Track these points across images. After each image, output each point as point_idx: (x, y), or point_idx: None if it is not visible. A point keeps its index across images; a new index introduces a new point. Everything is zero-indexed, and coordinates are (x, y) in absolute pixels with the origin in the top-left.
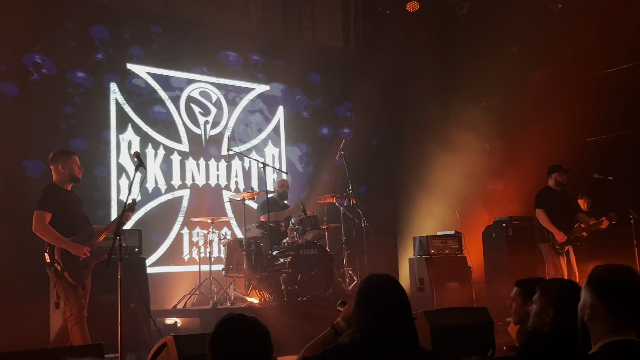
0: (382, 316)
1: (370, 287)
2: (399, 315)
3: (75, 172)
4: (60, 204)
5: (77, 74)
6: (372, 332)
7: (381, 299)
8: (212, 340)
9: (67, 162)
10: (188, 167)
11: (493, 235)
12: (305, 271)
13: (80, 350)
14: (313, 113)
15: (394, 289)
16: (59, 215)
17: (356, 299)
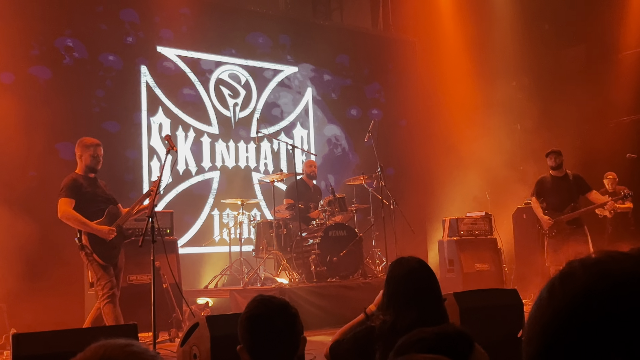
0: (412, 302)
1: (400, 273)
2: (429, 302)
3: (91, 163)
4: (82, 189)
5: (108, 57)
6: (402, 319)
7: (411, 285)
8: (243, 320)
9: (84, 153)
10: (218, 149)
11: (524, 216)
12: (334, 252)
13: (114, 330)
14: (342, 94)
15: (424, 273)
16: (83, 201)
17: (386, 284)
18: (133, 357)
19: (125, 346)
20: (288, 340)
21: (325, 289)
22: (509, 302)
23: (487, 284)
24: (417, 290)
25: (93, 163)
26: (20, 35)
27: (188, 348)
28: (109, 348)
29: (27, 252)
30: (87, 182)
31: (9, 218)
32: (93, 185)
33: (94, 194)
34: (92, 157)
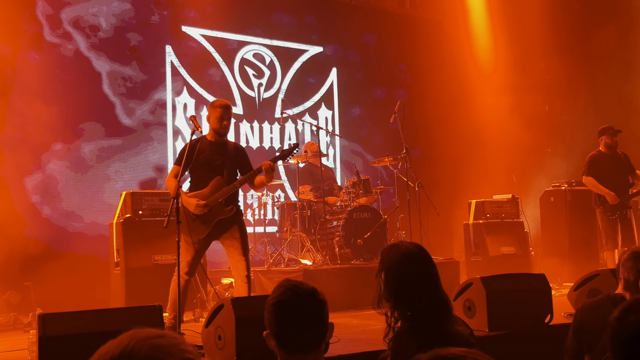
0: (417, 290)
1: (398, 259)
2: (434, 288)
3: (215, 126)
4: (189, 157)
5: (134, 37)
6: (407, 308)
7: (414, 270)
8: (270, 306)
9: (211, 114)
10: (242, 129)
11: (551, 199)
12: (359, 235)
13: (138, 311)
14: (367, 74)
15: (426, 258)
16: (192, 167)
17: (385, 273)
18: (156, 349)
19: (153, 338)
20: (316, 326)
21: (349, 271)
22: (536, 287)
23: (513, 267)
24: (421, 275)
25: (218, 126)
26: (47, 14)
27: (213, 329)
28: (135, 339)
29: (53, 231)
30: (207, 146)
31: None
32: (215, 150)
33: (205, 161)
34: (218, 118)
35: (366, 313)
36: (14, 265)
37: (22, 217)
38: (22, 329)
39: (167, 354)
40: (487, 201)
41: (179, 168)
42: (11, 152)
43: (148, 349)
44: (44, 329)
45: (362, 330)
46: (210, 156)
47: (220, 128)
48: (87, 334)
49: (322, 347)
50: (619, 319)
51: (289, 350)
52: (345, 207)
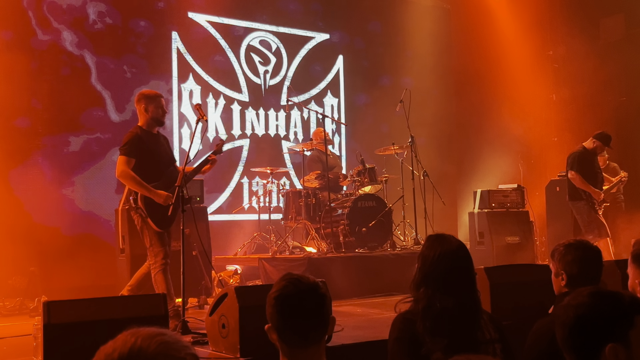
0: (450, 287)
1: (440, 252)
2: (467, 288)
3: (157, 115)
4: (143, 148)
5: (140, 23)
6: (437, 303)
7: (451, 268)
8: (272, 300)
9: (149, 105)
10: (248, 116)
11: (557, 189)
12: (363, 223)
13: (143, 299)
14: (373, 62)
15: (465, 257)
16: (142, 161)
17: (421, 261)
18: (163, 346)
19: (156, 335)
20: (317, 320)
21: (354, 259)
22: (540, 278)
23: (518, 256)
24: (457, 274)
25: (160, 114)
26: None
27: (217, 318)
28: (140, 337)
29: (59, 217)
30: (149, 138)
31: (44, 182)
32: (155, 142)
33: (155, 152)
34: (159, 107)
35: (370, 301)
36: (20, 250)
37: (28, 204)
38: (27, 313)
39: (175, 350)
40: (493, 190)
41: (131, 159)
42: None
43: (156, 346)
44: (49, 317)
45: (366, 319)
46: (155, 147)
47: (162, 116)
48: (92, 322)
49: (324, 341)
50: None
51: (290, 345)
52: (350, 195)
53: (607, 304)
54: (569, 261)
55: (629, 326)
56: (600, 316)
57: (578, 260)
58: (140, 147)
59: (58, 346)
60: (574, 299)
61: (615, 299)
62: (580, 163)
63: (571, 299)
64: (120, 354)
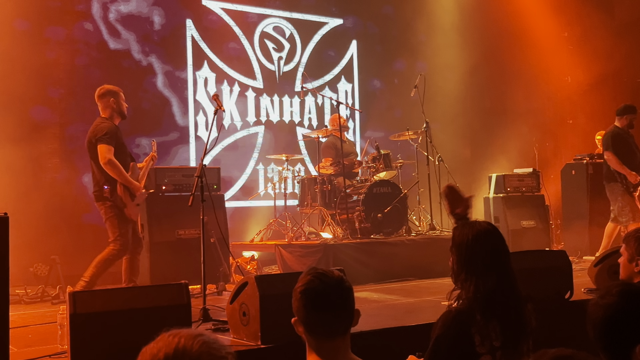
0: (490, 266)
1: (473, 236)
2: (505, 265)
3: (124, 109)
4: (118, 139)
5: (154, 11)
6: (482, 284)
7: (488, 248)
8: (298, 294)
9: (118, 99)
10: (262, 103)
11: (573, 173)
12: (379, 209)
13: (166, 289)
14: (387, 47)
15: (498, 235)
16: (116, 152)
17: (456, 250)
18: (206, 346)
19: (197, 336)
20: (343, 313)
21: (369, 245)
22: (557, 264)
23: (533, 241)
24: (494, 253)
25: (124, 108)
26: None
27: (237, 306)
28: (183, 337)
29: (80, 205)
30: (117, 131)
31: (61, 172)
32: (121, 135)
33: (123, 144)
34: (123, 100)
35: (386, 287)
36: (42, 238)
37: (50, 191)
38: (49, 300)
39: (216, 350)
40: (508, 175)
41: (112, 148)
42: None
43: (199, 345)
44: (75, 307)
45: (383, 306)
46: (123, 140)
47: (126, 109)
48: (116, 311)
49: (349, 333)
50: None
51: (316, 337)
52: (365, 181)
53: (636, 303)
54: None
55: None
56: (630, 316)
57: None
58: (116, 137)
59: (84, 335)
60: (602, 298)
61: None
62: (615, 143)
63: (599, 297)
64: (165, 354)
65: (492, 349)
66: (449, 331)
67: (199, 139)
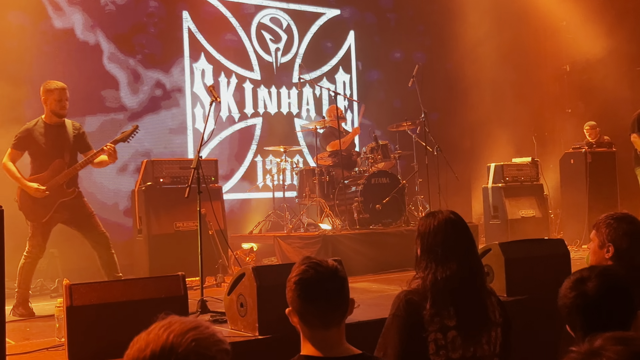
0: (451, 254)
1: (435, 225)
2: (468, 253)
3: (54, 108)
4: (33, 140)
5: (151, 3)
6: (441, 271)
7: (449, 236)
8: (292, 284)
9: (48, 97)
10: (260, 95)
11: (571, 162)
12: (377, 200)
13: (162, 280)
14: (385, 37)
15: (461, 224)
16: (33, 152)
17: (420, 239)
18: (195, 344)
19: (189, 331)
20: (338, 303)
21: (368, 236)
22: (555, 252)
23: (532, 230)
24: (455, 242)
25: (57, 108)
26: None
27: (235, 297)
28: (173, 333)
29: None
30: (46, 130)
31: None
32: (53, 133)
33: (47, 144)
34: (57, 101)
35: (385, 277)
36: None
37: None
38: (48, 294)
39: (205, 348)
40: (507, 164)
41: (18, 152)
42: None
43: (187, 344)
44: (72, 299)
45: (382, 296)
46: (50, 140)
47: (61, 109)
48: (113, 304)
49: (344, 322)
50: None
51: (311, 327)
52: (363, 172)
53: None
54: (620, 235)
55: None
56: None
57: (630, 234)
58: (27, 139)
59: (81, 327)
60: (581, 283)
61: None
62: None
63: (578, 282)
64: (152, 351)
65: (444, 327)
66: (399, 310)
67: (197, 131)
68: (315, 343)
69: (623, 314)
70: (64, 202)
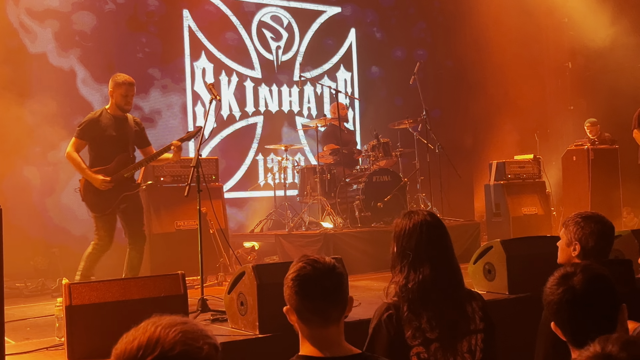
0: (425, 258)
1: (410, 226)
2: (443, 257)
3: (119, 102)
4: (98, 130)
5: (151, 2)
6: (414, 276)
7: (423, 238)
8: (290, 281)
9: (115, 90)
10: (261, 93)
11: (574, 159)
12: (379, 198)
13: (162, 280)
14: (386, 35)
15: (438, 226)
16: (96, 143)
17: (394, 240)
18: (182, 335)
19: (176, 324)
20: (336, 300)
21: (370, 234)
22: (557, 249)
23: (534, 228)
24: (429, 244)
25: (123, 102)
26: None
27: (235, 295)
28: (160, 326)
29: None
30: (111, 121)
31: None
32: (118, 125)
33: (111, 136)
34: (123, 96)
35: (387, 275)
36: (41, 231)
37: (49, 184)
38: (49, 294)
39: (193, 340)
40: (509, 161)
41: (82, 142)
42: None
43: (175, 334)
44: (71, 299)
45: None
46: (115, 131)
47: (126, 104)
48: (113, 303)
49: (343, 320)
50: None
51: (309, 325)
52: (365, 170)
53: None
54: (587, 234)
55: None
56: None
57: (596, 234)
58: (92, 130)
59: (80, 327)
60: (565, 280)
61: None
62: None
63: (562, 280)
64: (139, 342)
65: (426, 340)
66: (381, 325)
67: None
68: (314, 342)
69: (609, 308)
70: (126, 196)
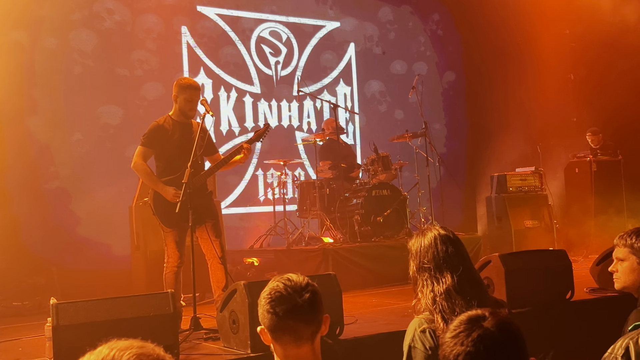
0: (446, 267)
1: (426, 242)
2: (461, 272)
3: (183, 107)
4: (164, 138)
5: (149, 19)
6: (438, 286)
7: (442, 249)
8: (262, 300)
9: (179, 94)
10: (260, 108)
11: (576, 171)
12: (378, 212)
13: (149, 298)
14: (385, 49)
15: (453, 238)
16: (163, 151)
17: (412, 259)
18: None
19: (133, 348)
20: (308, 318)
21: (369, 249)
22: (556, 263)
23: (537, 241)
24: (447, 256)
25: (187, 108)
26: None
27: (227, 314)
28: (116, 349)
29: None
30: (176, 127)
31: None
32: (183, 132)
33: (178, 144)
34: (187, 101)
35: (386, 291)
36: (39, 250)
37: (48, 203)
38: (46, 312)
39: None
40: (510, 174)
41: (149, 151)
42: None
43: (129, 357)
44: (58, 319)
45: (381, 310)
46: (180, 139)
47: (190, 110)
48: (101, 322)
49: (319, 340)
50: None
51: (282, 344)
52: (364, 184)
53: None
54: None
55: None
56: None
57: None
58: (159, 138)
59: (68, 347)
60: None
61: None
62: None
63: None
64: None
65: None
66: (416, 340)
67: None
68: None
69: None
70: (196, 205)
